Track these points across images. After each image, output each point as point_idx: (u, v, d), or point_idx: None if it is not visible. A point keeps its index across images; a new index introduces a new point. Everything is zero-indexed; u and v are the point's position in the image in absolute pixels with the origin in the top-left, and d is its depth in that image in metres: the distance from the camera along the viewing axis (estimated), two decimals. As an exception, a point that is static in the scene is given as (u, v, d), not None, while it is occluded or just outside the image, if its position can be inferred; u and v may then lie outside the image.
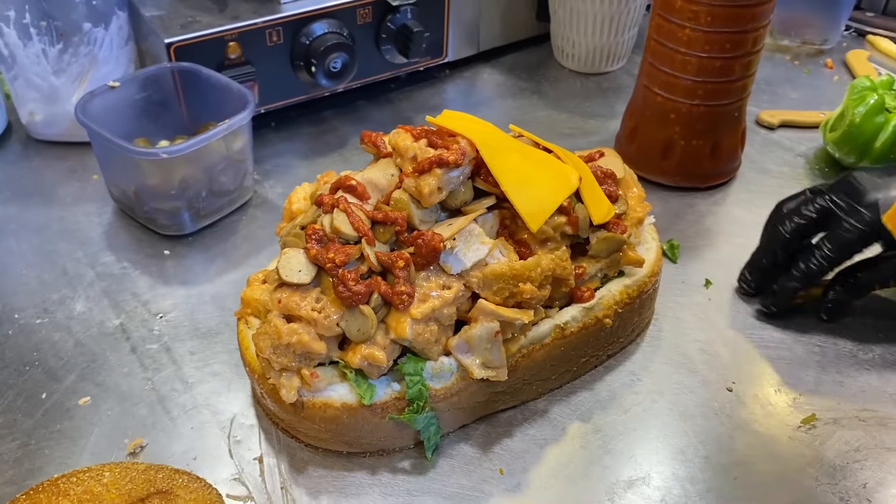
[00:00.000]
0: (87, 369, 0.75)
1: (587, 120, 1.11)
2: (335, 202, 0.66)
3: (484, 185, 0.68)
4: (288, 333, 0.63)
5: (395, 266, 0.63)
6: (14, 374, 0.75)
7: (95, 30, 0.94)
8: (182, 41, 0.94)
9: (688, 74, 0.90)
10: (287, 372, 0.65)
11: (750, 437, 0.70)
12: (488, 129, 0.72)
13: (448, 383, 0.67)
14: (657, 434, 0.70)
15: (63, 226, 0.91)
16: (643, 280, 0.75)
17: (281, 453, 0.69)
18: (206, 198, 0.88)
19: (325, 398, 0.65)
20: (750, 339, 0.79)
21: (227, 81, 0.92)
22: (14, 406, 0.72)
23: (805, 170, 1.02)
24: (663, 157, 0.96)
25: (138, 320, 0.80)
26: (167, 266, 0.87)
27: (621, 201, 0.76)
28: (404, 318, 0.63)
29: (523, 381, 0.71)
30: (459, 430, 0.71)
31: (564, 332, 0.71)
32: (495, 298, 0.66)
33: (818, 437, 0.70)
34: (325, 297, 0.64)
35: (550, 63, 1.23)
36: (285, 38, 1.00)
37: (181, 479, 0.62)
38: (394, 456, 0.69)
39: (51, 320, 0.80)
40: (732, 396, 0.73)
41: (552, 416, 0.72)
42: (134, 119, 0.93)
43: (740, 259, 0.88)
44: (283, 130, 1.07)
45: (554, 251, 0.69)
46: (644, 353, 0.78)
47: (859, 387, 0.74)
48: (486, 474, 0.68)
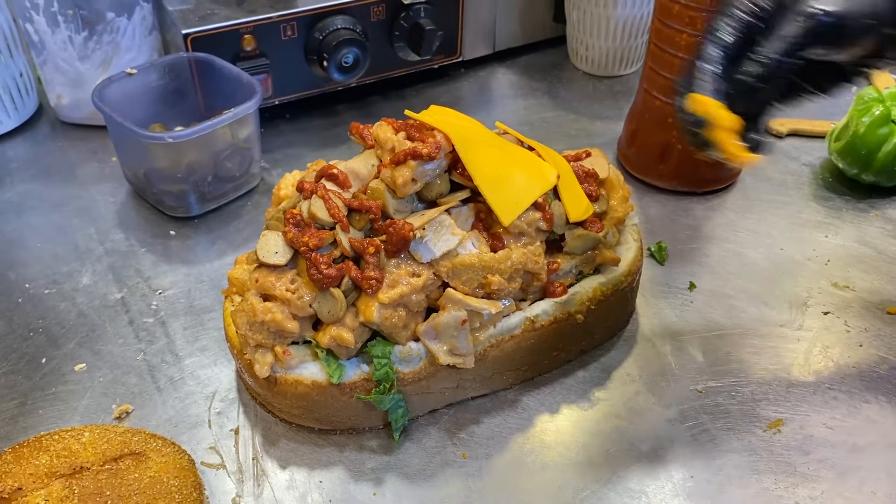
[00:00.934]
0: (86, 338, 0.80)
1: (594, 122, 1.12)
2: (314, 188, 0.69)
3: (460, 179, 0.71)
4: (263, 311, 0.66)
5: (366, 252, 0.66)
6: (19, 340, 0.80)
7: (118, 19, 0.99)
8: (199, 32, 0.98)
9: (685, 79, 0.90)
10: (261, 348, 0.68)
11: (715, 437, 0.71)
12: (470, 124, 0.74)
13: (416, 368, 0.69)
14: (623, 429, 0.72)
15: (79, 204, 0.96)
16: (618, 279, 0.76)
17: (256, 426, 0.72)
18: (212, 182, 0.92)
19: (297, 375, 0.68)
20: (725, 344, 0.80)
21: (237, 72, 0.96)
22: (16, 369, 0.77)
23: (809, 179, 1.02)
24: (661, 160, 0.96)
25: (138, 295, 0.85)
26: (171, 246, 0.91)
27: (602, 200, 0.77)
28: (373, 302, 0.66)
29: (493, 370, 0.73)
30: (428, 414, 0.74)
31: (535, 325, 0.73)
32: (464, 288, 0.69)
33: (783, 442, 0.70)
34: (299, 279, 0.67)
35: (565, 65, 1.25)
36: (300, 32, 1.04)
37: (156, 443, 0.66)
38: (363, 435, 0.72)
39: (58, 291, 0.85)
40: (702, 398, 0.74)
41: (521, 406, 0.74)
42: (151, 105, 0.98)
43: (728, 264, 0.89)
44: (296, 122, 1.11)
45: (527, 245, 0.71)
46: (619, 350, 0.79)
47: (832, 395, 0.74)
48: (449, 458, 0.70)
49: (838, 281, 0.86)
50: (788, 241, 0.92)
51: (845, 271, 0.88)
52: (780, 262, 0.89)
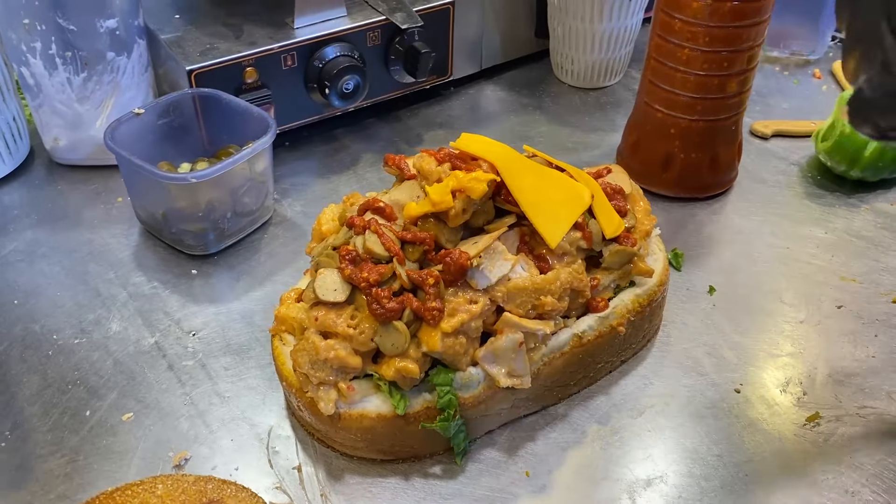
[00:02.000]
0: (127, 387, 0.79)
1: (588, 134, 1.15)
2: (367, 224, 0.70)
3: (504, 205, 0.73)
4: (325, 349, 0.67)
5: (426, 283, 0.68)
6: (57, 394, 0.78)
7: (118, 58, 0.97)
8: (202, 68, 0.98)
9: (687, 91, 0.94)
10: (324, 385, 0.69)
11: (758, 436, 0.75)
12: (505, 150, 0.76)
13: (475, 392, 0.71)
14: (671, 434, 0.75)
15: (92, 248, 0.95)
16: (653, 289, 0.80)
17: (318, 462, 0.73)
18: (231, 218, 0.92)
19: (361, 409, 0.69)
20: (754, 343, 0.84)
21: (246, 106, 0.96)
22: (60, 423, 0.75)
23: (798, 178, 1.07)
24: (664, 169, 1.00)
25: (172, 338, 0.84)
26: (195, 285, 0.90)
27: (630, 215, 0.80)
28: (435, 332, 0.68)
29: (544, 387, 0.75)
30: (485, 435, 0.75)
31: (582, 341, 0.75)
32: (518, 311, 0.71)
33: (822, 434, 0.75)
34: (359, 313, 0.68)
35: (550, 79, 1.28)
36: (299, 61, 1.04)
37: (229, 489, 0.66)
38: (425, 462, 0.73)
39: (88, 340, 0.83)
40: (740, 397, 0.78)
41: (572, 420, 0.77)
42: (156, 143, 0.97)
43: (741, 265, 0.93)
44: (298, 150, 1.11)
45: (571, 265, 0.74)
46: (654, 357, 0.83)
47: (858, 385, 0.79)
48: (513, 477, 0.72)
49: (844, 274, 0.92)
50: (791, 240, 0.97)
51: (848, 265, 0.93)
52: (788, 260, 0.94)
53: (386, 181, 1.06)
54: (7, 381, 0.79)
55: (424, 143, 1.13)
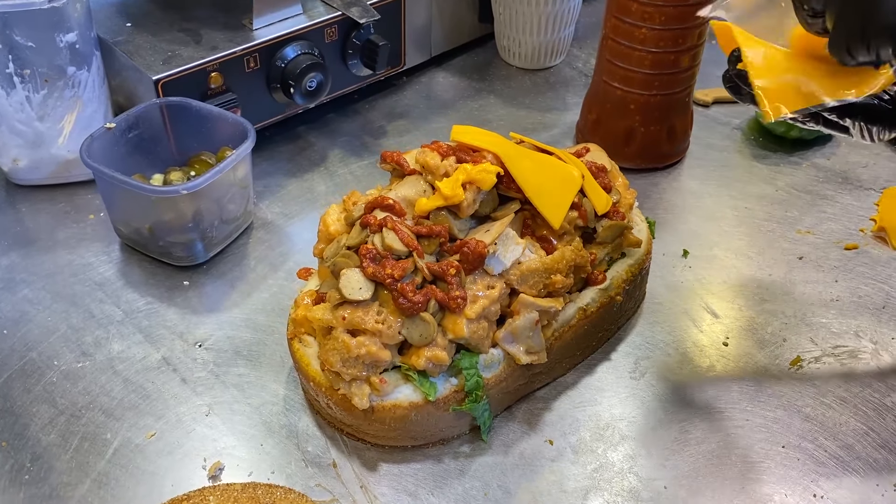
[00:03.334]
0: (142, 405, 0.79)
1: (544, 114, 1.20)
2: (383, 222, 0.72)
3: (507, 192, 0.76)
4: (357, 346, 0.69)
5: (447, 274, 0.70)
6: (72, 420, 0.77)
7: (79, 73, 0.95)
8: (168, 77, 0.96)
9: (644, 68, 1.00)
10: (357, 381, 0.71)
11: (752, 383, 0.81)
12: (500, 140, 0.80)
13: (497, 371, 0.75)
14: (674, 391, 0.81)
15: (74, 269, 0.93)
16: (642, 258, 0.85)
17: (352, 456, 0.75)
18: (218, 226, 0.92)
19: (394, 400, 0.72)
20: (733, 298, 0.91)
21: (220, 112, 0.95)
22: (82, 449, 0.75)
23: (743, 141, 1.15)
24: (625, 143, 1.06)
25: (179, 351, 0.84)
26: (190, 296, 0.90)
27: (614, 191, 0.85)
28: (460, 319, 0.71)
29: (555, 360, 0.80)
30: (504, 411, 0.79)
31: (586, 313, 0.80)
32: (531, 291, 0.75)
33: (806, 374, 0.82)
34: (384, 309, 0.71)
35: (497, 62, 1.32)
36: (262, 62, 1.04)
37: (278, 492, 0.68)
38: (452, 443, 0.77)
39: (92, 363, 0.82)
40: (730, 350, 0.85)
41: (582, 387, 0.82)
42: (127, 156, 0.95)
43: (708, 228, 1.00)
44: (264, 150, 1.11)
45: (570, 242, 0.78)
46: (646, 321, 0.88)
47: (827, 327, 0.87)
48: (537, 446, 0.76)
49: (800, 228, 1.00)
50: (749, 200, 1.04)
51: (801, 218, 1.01)
52: (748, 219, 1.01)
53: (359, 176, 1.08)
54: (15, 412, 0.78)
55: (389, 136, 1.15)
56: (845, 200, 1.04)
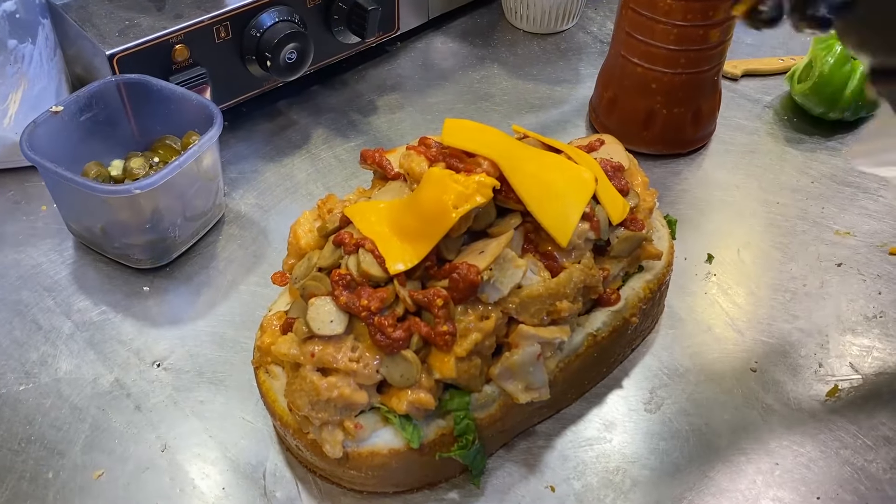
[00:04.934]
0: (91, 437, 0.70)
1: (554, 87, 1.08)
2: (359, 242, 0.61)
3: (506, 203, 0.65)
4: (328, 389, 0.59)
5: (434, 305, 0.60)
6: (10, 455, 0.68)
7: (22, 46, 0.83)
8: (125, 51, 0.84)
9: (668, 44, 0.87)
10: (328, 426, 0.61)
11: (781, 420, 0.72)
12: (500, 138, 0.68)
13: (492, 411, 0.65)
14: (695, 426, 0.71)
15: (21, 271, 0.83)
16: (662, 272, 0.74)
17: (324, 501, 0.66)
18: (181, 225, 0.82)
19: (371, 446, 0.62)
20: (761, 315, 0.80)
21: (182, 92, 0.84)
22: (19, 491, 0.66)
23: (775, 121, 1.03)
24: (645, 126, 0.94)
25: (135, 372, 0.74)
26: (150, 305, 0.80)
27: (632, 193, 0.74)
28: (448, 357, 0.61)
29: (560, 392, 0.70)
30: (500, 449, 0.70)
31: (596, 339, 0.70)
32: (532, 320, 0.64)
33: (843, 406, 0.72)
34: (360, 343, 0.61)
35: (503, 25, 1.18)
36: (234, 32, 0.92)
37: (236, 556, 0.59)
38: (440, 488, 0.68)
39: (36, 386, 0.73)
40: (757, 377, 0.75)
41: (588, 422, 0.72)
42: (80, 142, 0.84)
43: (735, 227, 0.89)
44: (240, 129, 1.00)
45: (580, 259, 0.67)
46: (664, 341, 0.78)
47: (870, 349, 0.77)
48: (536, 493, 0.67)
49: (839, 228, 0.89)
50: (781, 193, 0.93)
51: (840, 216, 0.90)
52: (780, 217, 0.90)
53: (344, 161, 0.97)
54: (-54, 445, 0.69)
55: (379, 111, 1.03)
56: (889, 195, 0.93)
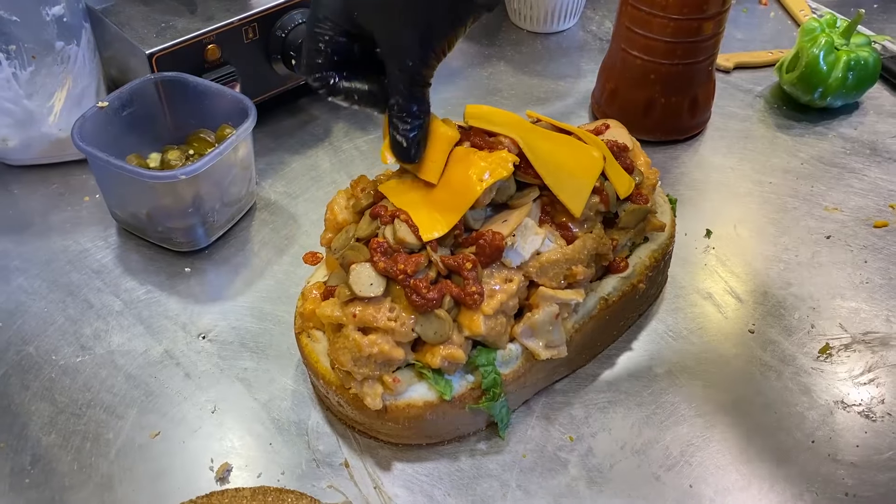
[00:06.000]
0: (146, 402, 0.76)
1: (557, 82, 1.15)
2: (395, 212, 0.68)
3: (525, 178, 0.72)
4: (369, 345, 0.65)
5: (463, 268, 0.67)
6: (72, 419, 0.74)
7: (68, 47, 0.90)
8: (163, 50, 0.91)
9: (666, 36, 0.94)
10: (369, 381, 0.68)
11: (778, 376, 0.78)
12: (517, 121, 0.75)
13: (515, 367, 0.71)
14: (702, 382, 0.78)
15: (70, 256, 0.89)
16: (665, 242, 0.81)
17: (364, 455, 0.72)
18: (219, 210, 0.88)
19: (408, 399, 0.69)
20: (758, 282, 0.87)
21: (218, 88, 0.91)
22: (84, 450, 0.72)
23: (765, 109, 1.10)
24: (644, 115, 1.01)
25: (182, 344, 0.80)
26: (192, 284, 0.86)
27: (636, 172, 0.80)
28: (477, 315, 0.67)
29: (576, 352, 0.76)
30: (522, 406, 0.76)
31: (608, 302, 0.76)
32: (551, 283, 0.71)
33: (835, 363, 0.79)
34: (397, 305, 0.67)
35: (507, 26, 1.26)
36: (261, 33, 0.99)
37: (289, 497, 0.65)
38: (468, 440, 0.74)
39: (92, 357, 0.79)
40: (755, 338, 0.81)
41: (602, 380, 0.78)
42: (121, 136, 0.90)
43: (731, 205, 0.96)
44: (265, 125, 1.06)
45: (591, 230, 0.74)
46: (667, 308, 0.85)
47: (857, 311, 0.84)
48: (557, 443, 0.73)
49: (827, 205, 0.95)
50: (773, 174, 1.00)
51: (828, 194, 0.97)
52: (773, 195, 0.97)
53: (365, 152, 1.03)
54: (14, 411, 0.75)
55: (395, 106, 1.10)
56: (874, 174, 1.00)
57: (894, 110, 1.10)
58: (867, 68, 1.04)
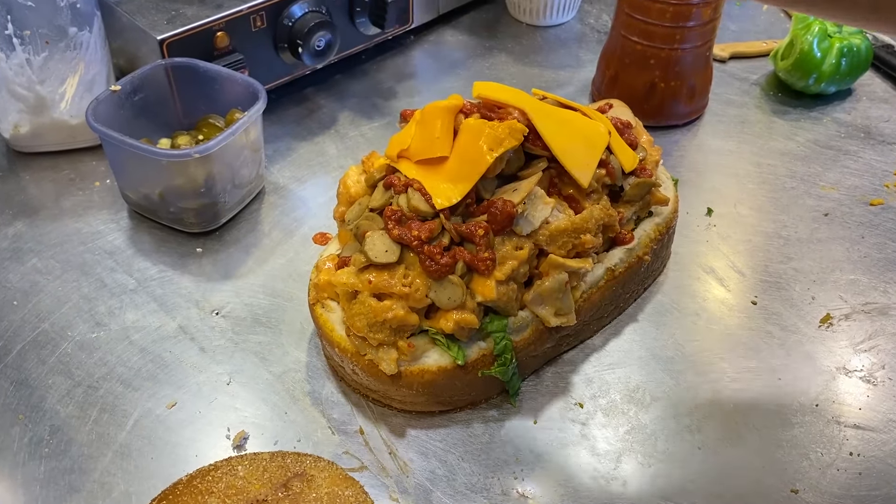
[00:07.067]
0: (161, 375, 0.77)
1: (558, 71, 1.17)
2: (408, 182, 0.69)
3: (534, 150, 0.74)
4: (384, 310, 0.67)
5: (476, 235, 0.68)
6: (89, 391, 0.75)
7: (81, 33, 0.91)
8: (173, 36, 0.93)
9: (665, 22, 0.97)
10: (384, 346, 0.69)
11: (782, 344, 0.80)
12: (522, 95, 0.77)
13: (526, 334, 0.73)
14: (708, 351, 0.79)
15: (83, 237, 0.90)
16: (669, 216, 0.83)
17: (378, 422, 0.73)
18: (231, 191, 0.89)
19: (422, 365, 0.70)
20: (759, 256, 0.89)
21: (228, 73, 0.92)
22: (101, 421, 0.73)
23: (761, 96, 1.13)
24: (645, 100, 1.03)
25: (196, 319, 0.82)
26: (204, 263, 0.88)
27: (640, 147, 0.83)
28: (489, 281, 0.69)
29: (583, 322, 0.78)
30: (532, 375, 0.78)
31: (614, 273, 0.78)
32: (560, 252, 0.72)
33: (836, 332, 0.81)
34: (410, 272, 0.68)
35: (506, 19, 1.28)
36: (268, 21, 1.01)
37: (308, 460, 0.66)
38: (480, 407, 0.75)
39: (107, 333, 0.80)
40: (758, 309, 0.83)
41: (609, 350, 0.80)
42: (132, 121, 0.92)
43: (731, 186, 0.98)
44: (272, 114, 1.08)
45: (598, 201, 0.76)
46: (671, 282, 0.87)
47: (856, 283, 0.86)
48: (567, 409, 0.75)
49: (824, 184, 0.98)
50: (771, 156, 1.02)
51: (824, 174, 0.99)
52: (771, 176, 0.99)
53: (370, 139, 1.05)
54: (31, 384, 0.75)
55: (399, 97, 1.12)
56: (868, 156, 1.02)
57: (886, 96, 1.12)
58: (860, 55, 1.07)
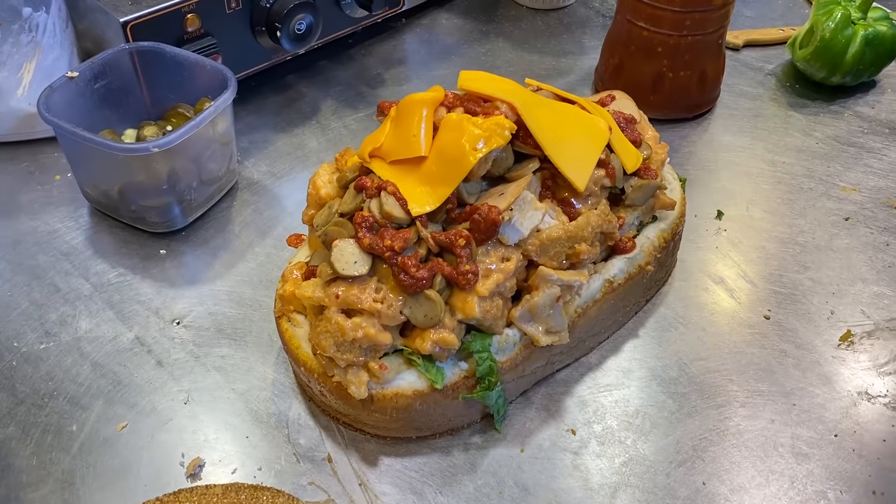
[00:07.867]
0: (113, 392, 0.70)
1: (559, 59, 1.09)
2: (381, 185, 0.62)
3: (524, 148, 0.66)
4: (352, 329, 0.60)
5: (456, 245, 0.61)
6: (34, 410, 0.68)
7: (36, 14, 0.84)
8: (137, 19, 0.85)
9: (674, 6, 0.89)
10: (353, 367, 0.62)
11: (796, 364, 0.72)
12: (515, 87, 0.69)
13: (513, 354, 0.66)
14: (715, 372, 0.72)
15: (38, 237, 0.83)
16: (675, 221, 0.76)
17: (349, 449, 0.67)
18: (197, 188, 0.82)
19: (396, 388, 0.63)
20: (773, 265, 0.81)
21: (196, 58, 0.85)
22: (44, 444, 0.66)
23: (777, 88, 1.04)
24: (652, 91, 0.95)
25: (154, 330, 0.75)
26: (167, 267, 0.81)
27: (644, 145, 0.75)
28: (471, 297, 0.61)
29: (578, 339, 0.71)
30: (520, 396, 0.71)
31: (613, 286, 0.71)
32: (552, 263, 0.65)
33: (857, 352, 0.73)
34: (383, 285, 0.61)
35: (505, 2, 1.20)
36: (244, 3, 0.93)
37: (265, 495, 0.59)
38: (461, 433, 0.68)
39: (56, 344, 0.73)
40: (771, 325, 0.76)
41: (606, 369, 0.73)
42: (94, 110, 0.85)
43: (743, 185, 0.90)
44: (249, 102, 1.00)
45: (596, 206, 0.68)
46: (678, 292, 0.79)
47: (880, 296, 0.78)
48: (558, 437, 0.68)
49: (845, 185, 0.90)
50: (786, 153, 0.94)
51: (845, 174, 0.91)
52: (787, 175, 0.91)
53: (354, 131, 0.97)
54: (-30, 402, 0.69)
55: (387, 84, 1.04)
56: (893, 154, 0.94)
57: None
58: (885, 43, 0.98)
